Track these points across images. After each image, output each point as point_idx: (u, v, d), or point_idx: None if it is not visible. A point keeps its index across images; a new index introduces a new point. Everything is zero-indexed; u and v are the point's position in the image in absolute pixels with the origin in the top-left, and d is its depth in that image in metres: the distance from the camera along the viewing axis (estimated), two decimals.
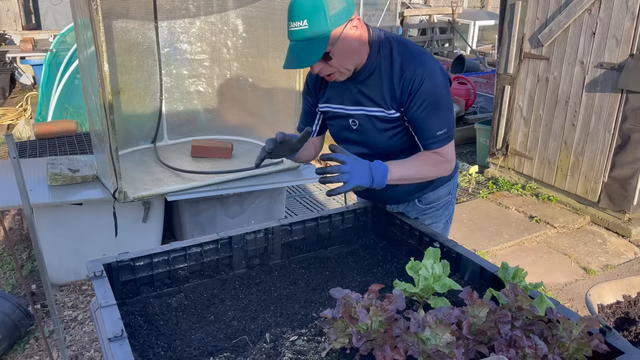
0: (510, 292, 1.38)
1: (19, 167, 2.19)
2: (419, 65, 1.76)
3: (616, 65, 4.17)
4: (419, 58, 1.78)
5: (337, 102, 1.93)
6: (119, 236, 3.45)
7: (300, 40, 1.66)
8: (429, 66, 1.77)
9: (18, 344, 3.04)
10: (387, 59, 1.80)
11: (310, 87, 2.01)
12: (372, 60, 1.80)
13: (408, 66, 1.76)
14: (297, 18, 1.63)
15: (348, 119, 1.92)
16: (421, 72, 1.75)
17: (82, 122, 5.44)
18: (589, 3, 4.26)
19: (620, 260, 4.03)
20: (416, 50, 1.81)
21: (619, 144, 4.29)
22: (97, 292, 1.50)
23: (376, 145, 1.92)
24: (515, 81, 5.07)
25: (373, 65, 1.80)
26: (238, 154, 4.04)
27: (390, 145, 1.90)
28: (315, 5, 1.62)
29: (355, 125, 1.91)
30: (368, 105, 1.85)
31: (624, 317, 2.59)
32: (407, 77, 1.76)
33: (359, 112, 1.89)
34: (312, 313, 1.66)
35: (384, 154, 1.91)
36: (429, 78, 1.75)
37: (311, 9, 1.62)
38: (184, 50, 4.14)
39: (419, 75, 1.75)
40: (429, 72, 1.76)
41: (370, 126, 1.88)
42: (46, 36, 8.77)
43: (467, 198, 5.06)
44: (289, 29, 1.68)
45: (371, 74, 1.81)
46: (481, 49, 10.74)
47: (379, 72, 1.81)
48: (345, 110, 1.92)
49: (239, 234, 1.87)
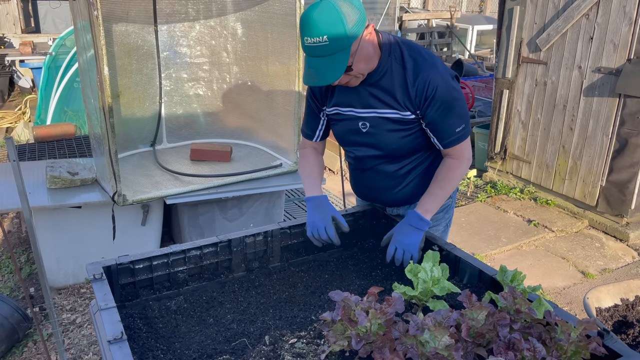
0: (508, 295, 1.39)
1: (18, 170, 2.20)
2: (432, 68, 1.78)
3: (614, 69, 4.19)
4: (431, 61, 1.80)
5: (346, 105, 1.92)
6: (118, 239, 3.45)
7: (320, 57, 1.63)
8: (441, 69, 1.80)
9: (16, 347, 3.04)
10: (398, 61, 1.81)
11: (316, 91, 2.00)
12: (384, 63, 1.80)
13: (422, 70, 1.78)
14: (316, 34, 1.59)
15: (358, 121, 1.92)
16: (435, 75, 1.77)
17: (81, 125, 5.44)
18: (587, 8, 4.28)
19: (618, 264, 4.04)
20: (426, 54, 1.83)
21: (616, 148, 4.30)
22: (97, 295, 1.50)
23: (388, 146, 1.93)
24: (513, 85, 5.08)
25: (385, 67, 1.81)
26: (237, 157, 4.05)
27: (402, 146, 1.92)
28: (334, 21, 1.58)
29: (366, 127, 1.91)
30: (380, 107, 1.86)
31: (622, 320, 2.59)
32: (422, 81, 1.77)
33: (371, 115, 1.88)
34: (312, 316, 1.66)
35: (395, 155, 1.95)
36: (443, 80, 1.78)
37: (330, 24, 1.58)
38: (184, 54, 4.15)
39: (434, 79, 1.77)
40: (442, 74, 1.79)
41: (382, 128, 1.89)
42: (45, 39, 8.78)
43: (466, 202, 5.06)
44: (305, 44, 1.64)
45: (383, 76, 1.82)
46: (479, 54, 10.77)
47: (391, 74, 1.81)
48: (356, 113, 1.91)
49: (239, 237, 1.88)
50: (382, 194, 2.07)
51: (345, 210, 2.13)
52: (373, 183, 2.06)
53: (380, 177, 2.02)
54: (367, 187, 2.11)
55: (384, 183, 2.03)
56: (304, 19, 1.63)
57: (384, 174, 2.01)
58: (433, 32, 10.83)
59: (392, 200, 2.07)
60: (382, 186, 2.04)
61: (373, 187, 2.08)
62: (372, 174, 2.04)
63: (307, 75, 1.70)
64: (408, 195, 2.04)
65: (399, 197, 2.05)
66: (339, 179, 5.08)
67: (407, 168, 1.98)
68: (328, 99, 1.97)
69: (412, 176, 2.00)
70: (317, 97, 2.00)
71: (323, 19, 1.58)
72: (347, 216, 2.10)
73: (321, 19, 1.59)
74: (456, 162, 1.90)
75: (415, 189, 2.01)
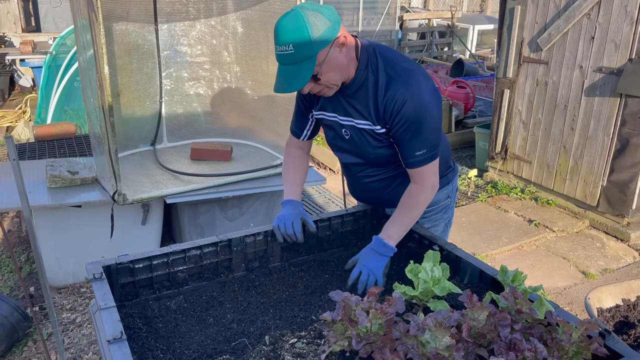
0: (509, 295, 1.38)
1: (18, 169, 2.19)
2: (402, 85, 1.74)
3: (615, 69, 4.18)
4: (404, 77, 1.76)
5: (331, 110, 1.94)
6: (118, 239, 3.45)
7: (287, 65, 1.66)
8: (413, 86, 1.74)
9: (16, 347, 3.03)
10: (373, 74, 1.79)
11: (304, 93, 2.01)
12: (360, 74, 1.79)
13: (391, 86, 1.75)
14: (282, 42, 1.62)
15: (341, 128, 1.93)
16: (403, 93, 1.73)
17: (82, 124, 5.44)
18: (588, 8, 4.27)
19: (619, 264, 4.03)
20: (402, 69, 1.78)
21: (617, 148, 4.30)
22: (97, 294, 1.49)
23: (367, 155, 1.94)
24: (514, 85, 5.08)
25: (361, 79, 1.80)
26: (237, 156, 4.04)
27: (380, 156, 1.92)
28: (299, 30, 1.60)
29: (347, 135, 1.93)
30: (357, 117, 1.86)
31: (623, 320, 2.59)
32: (389, 98, 1.75)
33: (349, 123, 1.89)
34: (312, 316, 1.66)
35: (376, 163, 1.96)
36: (411, 99, 1.73)
37: (295, 34, 1.60)
38: (184, 53, 4.15)
39: (401, 97, 1.73)
40: (412, 93, 1.73)
41: (360, 137, 1.89)
42: (46, 39, 8.78)
43: (466, 202, 5.06)
44: (276, 52, 1.66)
45: (359, 88, 1.81)
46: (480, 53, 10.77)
47: (367, 87, 1.80)
48: (339, 120, 1.92)
49: (239, 236, 1.87)
50: (375, 195, 2.07)
51: (346, 210, 2.13)
52: (363, 186, 2.07)
53: (368, 180, 2.03)
54: (360, 189, 2.12)
55: (373, 185, 2.04)
56: (275, 27, 1.65)
57: (370, 177, 2.02)
58: (434, 32, 10.82)
59: (387, 200, 2.06)
60: (372, 188, 2.05)
61: (365, 189, 2.09)
62: (360, 178, 2.05)
63: (276, 83, 1.71)
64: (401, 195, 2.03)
65: (392, 196, 2.04)
66: (339, 178, 5.08)
67: (391, 173, 1.99)
68: (315, 102, 1.98)
69: (399, 179, 1.99)
70: (306, 99, 2.00)
71: (289, 27, 1.61)
72: (348, 215, 2.10)
73: (288, 27, 1.61)
74: (419, 189, 1.86)
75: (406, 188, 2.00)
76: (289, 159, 2.14)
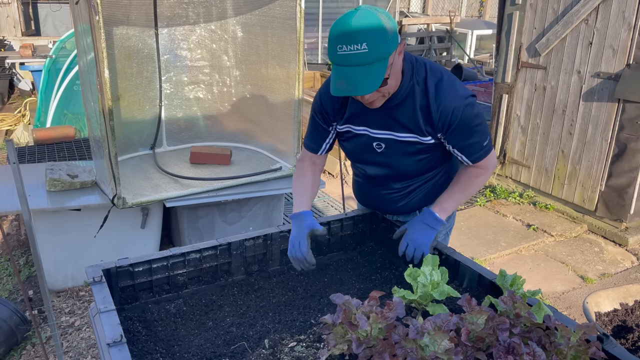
0: (508, 299, 1.39)
1: (18, 172, 2.19)
2: (451, 92, 1.75)
3: (613, 74, 4.20)
4: (453, 86, 1.76)
5: (360, 123, 1.87)
6: (117, 242, 3.45)
7: (355, 65, 1.56)
8: (460, 91, 1.76)
9: (15, 350, 3.03)
10: (420, 85, 1.75)
11: (327, 105, 1.91)
12: (406, 85, 1.75)
13: (444, 97, 1.74)
14: (354, 41, 1.52)
15: (372, 142, 1.88)
16: (457, 103, 1.74)
17: (81, 128, 5.44)
18: (586, 13, 4.29)
19: (618, 269, 4.04)
20: (447, 76, 1.78)
21: (615, 153, 4.31)
22: (96, 298, 1.50)
23: (401, 168, 1.91)
24: (512, 90, 5.09)
25: (407, 91, 1.76)
26: (237, 160, 4.05)
27: (416, 168, 1.92)
28: (375, 28, 1.52)
29: (381, 148, 1.88)
30: (399, 130, 1.82)
31: (622, 324, 2.60)
32: (445, 109, 1.74)
33: (387, 136, 1.84)
34: (311, 319, 1.66)
35: (404, 176, 1.95)
36: (464, 106, 1.75)
37: (371, 32, 1.52)
38: (184, 57, 4.16)
39: (458, 107, 1.74)
40: (461, 96, 1.75)
41: (398, 150, 1.86)
42: (45, 42, 8.78)
43: (465, 206, 5.07)
44: (339, 52, 1.56)
45: (404, 100, 1.77)
46: (479, 58, 10.79)
47: (412, 98, 1.76)
48: (370, 133, 1.87)
49: (238, 240, 1.88)
50: (385, 205, 2.07)
51: (345, 214, 2.13)
52: (378, 196, 2.06)
53: (387, 192, 2.02)
54: (371, 198, 2.10)
55: (389, 196, 2.03)
56: (340, 27, 1.56)
57: (391, 189, 2.01)
58: (432, 37, 10.85)
59: (394, 210, 2.08)
60: (386, 199, 2.04)
61: (377, 199, 2.07)
62: (379, 189, 2.03)
63: (337, 86, 1.60)
64: (410, 208, 2.05)
65: (401, 209, 2.06)
66: (338, 182, 5.09)
67: (415, 185, 1.99)
68: (339, 115, 1.90)
69: (418, 192, 2.00)
70: (329, 112, 1.91)
71: (364, 26, 1.52)
72: (347, 220, 2.10)
73: (362, 25, 1.53)
74: (481, 172, 1.90)
75: (418, 203, 2.03)
76: (300, 176, 2.06)
